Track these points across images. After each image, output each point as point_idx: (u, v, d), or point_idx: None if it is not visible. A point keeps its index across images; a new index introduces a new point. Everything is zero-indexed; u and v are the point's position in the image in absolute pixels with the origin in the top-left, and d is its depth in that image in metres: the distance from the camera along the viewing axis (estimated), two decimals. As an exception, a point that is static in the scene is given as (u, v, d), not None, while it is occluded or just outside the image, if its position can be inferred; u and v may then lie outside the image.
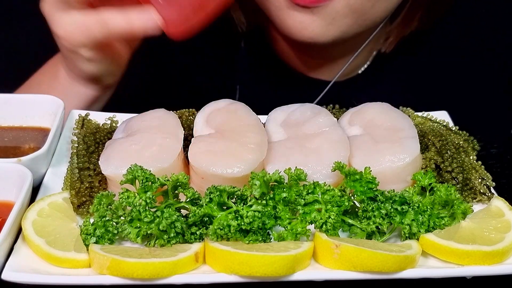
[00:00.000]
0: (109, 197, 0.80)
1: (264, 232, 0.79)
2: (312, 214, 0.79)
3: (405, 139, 0.90)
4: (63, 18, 0.95)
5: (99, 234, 0.78)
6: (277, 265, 0.72)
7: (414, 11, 1.17)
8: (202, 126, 0.93)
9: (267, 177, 0.80)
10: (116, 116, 1.01)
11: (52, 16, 0.96)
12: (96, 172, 0.89)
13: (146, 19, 0.91)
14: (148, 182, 0.79)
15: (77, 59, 1.01)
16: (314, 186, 0.81)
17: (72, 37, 0.96)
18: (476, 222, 0.81)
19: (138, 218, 0.77)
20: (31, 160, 0.86)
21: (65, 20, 0.95)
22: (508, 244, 0.77)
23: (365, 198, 0.81)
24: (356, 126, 0.95)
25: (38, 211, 0.80)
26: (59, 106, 0.97)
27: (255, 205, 0.78)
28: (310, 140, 0.91)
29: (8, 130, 0.99)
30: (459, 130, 1.00)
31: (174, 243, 0.78)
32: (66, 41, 0.97)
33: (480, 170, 0.91)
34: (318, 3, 1.01)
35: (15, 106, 0.99)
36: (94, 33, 0.94)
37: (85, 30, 0.94)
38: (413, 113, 1.04)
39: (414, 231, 0.79)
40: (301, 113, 0.96)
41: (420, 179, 0.85)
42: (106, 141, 0.94)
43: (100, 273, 0.73)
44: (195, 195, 0.80)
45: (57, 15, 0.96)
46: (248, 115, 0.94)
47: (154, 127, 0.91)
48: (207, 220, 0.79)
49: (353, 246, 0.74)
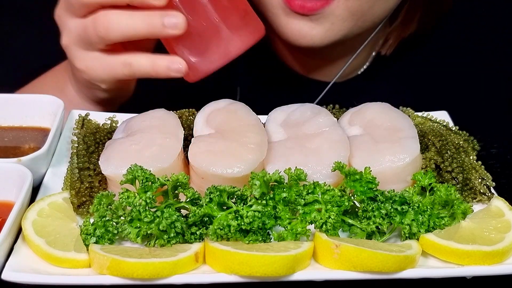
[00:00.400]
0: (109, 197, 0.80)
1: (264, 232, 0.79)
2: (312, 214, 0.79)
3: (405, 139, 0.90)
4: (84, 55, 0.94)
5: (99, 234, 0.78)
6: (277, 265, 0.72)
7: (412, 13, 1.17)
8: (202, 126, 0.93)
9: (267, 177, 0.80)
10: (116, 116, 1.01)
11: (73, 52, 0.95)
12: (96, 172, 0.89)
13: (173, 67, 0.91)
14: (148, 182, 0.79)
15: (93, 88, 1.01)
16: (314, 186, 0.81)
17: (93, 73, 0.95)
18: (476, 222, 0.81)
19: (138, 218, 0.77)
20: (31, 160, 0.86)
21: (87, 56, 0.94)
22: (508, 244, 0.77)
23: (365, 198, 0.81)
24: (356, 126, 0.95)
25: (38, 211, 0.80)
26: (59, 106, 0.97)
27: (255, 205, 0.78)
28: (310, 140, 0.91)
29: (8, 130, 0.99)
30: (459, 130, 1.00)
31: (174, 243, 0.78)
32: (87, 75, 0.96)
33: (480, 170, 0.91)
34: (315, 10, 1.01)
35: (15, 106, 0.99)
36: (117, 73, 0.94)
37: (109, 69, 0.94)
38: (413, 113, 1.04)
39: (414, 231, 0.79)
40: (301, 113, 0.96)
41: (420, 179, 0.85)
42: (106, 141, 0.94)
43: (100, 273, 0.73)
44: (195, 195, 0.80)
45: (78, 52, 0.95)
46: (248, 115, 0.94)
47: (154, 127, 0.91)
48: (207, 220, 0.79)
49: (353, 246, 0.74)
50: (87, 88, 1.04)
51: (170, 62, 0.91)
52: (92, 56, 0.94)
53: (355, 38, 1.13)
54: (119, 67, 0.93)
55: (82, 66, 0.95)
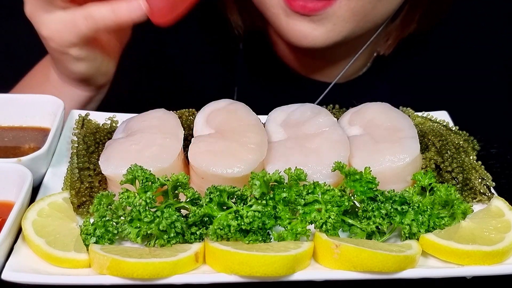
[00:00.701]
0: (109, 197, 0.80)
1: (264, 232, 0.79)
2: (312, 214, 0.79)
3: (405, 139, 0.90)
4: (47, 19, 0.94)
5: (99, 234, 0.78)
6: (277, 265, 0.72)
7: (412, 13, 1.17)
8: (202, 126, 0.93)
9: (267, 177, 0.80)
10: (116, 116, 1.01)
11: (36, 18, 0.95)
12: (96, 172, 0.89)
13: (132, 8, 0.91)
14: (148, 182, 0.79)
15: (66, 60, 1.00)
16: (314, 186, 0.81)
17: (59, 37, 0.95)
18: (476, 222, 0.81)
19: (138, 218, 0.77)
20: (31, 160, 0.86)
21: (50, 20, 0.94)
22: (508, 244, 0.77)
23: (365, 198, 0.81)
24: (356, 126, 0.95)
25: (38, 211, 0.80)
26: (59, 106, 0.97)
27: (255, 205, 0.78)
28: (310, 140, 0.91)
29: (8, 130, 0.99)
30: (459, 130, 1.00)
31: (174, 243, 0.78)
32: (54, 41, 0.96)
33: (480, 170, 0.91)
34: (317, 11, 1.00)
35: (15, 106, 0.99)
36: (81, 29, 0.93)
37: (72, 27, 0.93)
38: (413, 113, 1.04)
39: (414, 231, 0.79)
40: (301, 113, 0.96)
41: (420, 179, 0.85)
42: (106, 141, 0.94)
43: (100, 273, 0.73)
44: (195, 195, 0.80)
45: (40, 17, 0.95)
46: (248, 115, 0.94)
47: (154, 127, 0.91)
48: (207, 220, 0.79)
49: (353, 246, 0.74)
50: (61, 65, 1.03)
51: (129, 3, 0.91)
52: (54, 17, 0.94)
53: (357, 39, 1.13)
54: (81, 22, 0.92)
55: (48, 32, 0.95)
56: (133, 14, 0.92)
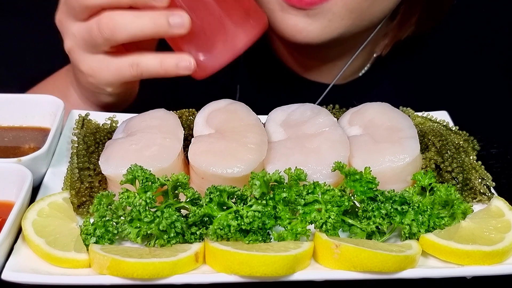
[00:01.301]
0: (109, 197, 0.80)
1: (264, 232, 0.79)
2: (312, 214, 0.79)
3: (405, 139, 0.90)
4: (89, 58, 0.93)
5: (99, 234, 0.78)
6: (277, 265, 0.72)
7: (408, 14, 1.16)
8: (202, 126, 0.93)
9: (267, 177, 0.80)
10: (116, 116, 1.01)
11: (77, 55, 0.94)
12: (96, 172, 0.89)
13: (181, 64, 0.91)
14: (148, 182, 0.79)
15: (99, 93, 1.00)
16: (314, 186, 0.81)
17: (100, 76, 0.94)
18: (476, 222, 0.81)
19: (138, 218, 0.77)
20: (31, 160, 0.86)
21: (92, 59, 0.93)
22: (508, 244, 0.77)
23: (365, 198, 0.81)
24: (356, 126, 0.95)
25: (38, 211, 0.80)
26: (59, 106, 0.97)
27: (255, 205, 0.78)
28: (310, 140, 0.91)
29: (8, 130, 0.99)
30: (459, 130, 1.00)
31: (174, 243, 0.78)
32: (93, 78, 0.95)
33: (480, 170, 0.91)
34: (313, 5, 1.00)
35: (15, 106, 0.99)
36: (125, 75, 0.93)
37: (116, 71, 0.93)
38: (413, 113, 1.04)
39: (414, 231, 0.79)
40: (301, 113, 0.96)
41: (420, 179, 0.85)
42: (106, 141, 0.94)
43: (100, 273, 0.73)
44: (195, 195, 0.80)
45: (83, 56, 0.93)
46: (248, 115, 0.94)
47: (154, 127, 0.91)
48: (207, 220, 0.79)
49: (353, 246, 0.74)
50: (91, 93, 1.03)
51: (178, 60, 0.91)
52: (97, 59, 0.93)
53: (354, 38, 1.13)
54: (126, 68, 0.92)
55: (88, 70, 0.94)
56: (180, 70, 0.91)
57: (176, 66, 0.91)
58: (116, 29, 0.88)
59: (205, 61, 0.92)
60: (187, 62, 0.91)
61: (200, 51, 0.92)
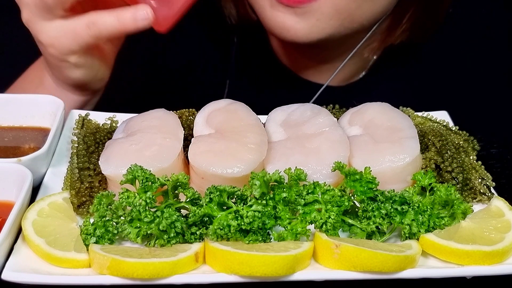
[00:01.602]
0: (109, 197, 0.80)
1: (264, 232, 0.79)
2: (312, 214, 0.79)
3: (405, 139, 0.90)
4: (46, 26, 0.91)
5: (99, 234, 0.78)
6: (277, 265, 0.72)
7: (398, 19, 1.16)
8: (202, 126, 0.93)
9: (267, 177, 0.80)
10: (116, 116, 1.01)
11: (34, 25, 0.92)
12: (96, 172, 0.89)
13: (138, 16, 0.89)
14: (148, 182, 0.79)
15: (64, 66, 0.98)
16: (314, 186, 0.81)
17: (59, 44, 0.92)
18: (476, 222, 0.81)
19: (138, 218, 0.77)
20: (31, 160, 0.86)
21: (49, 27, 0.91)
22: (508, 244, 0.77)
23: (365, 198, 0.81)
24: (356, 126, 0.95)
25: (38, 211, 0.80)
26: (59, 106, 0.97)
27: (255, 205, 0.78)
28: (310, 140, 0.91)
29: (8, 130, 0.99)
30: (459, 130, 1.00)
31: (174, 243, 0.78)
32: (53, 48, 0.93)
33: (480, 170, 0.91)
34: (301, 3, 1.00)
35: (15, 106, 0.99)
36: (83, 37, 0.91)
37: (73, 35, 0.91)
38: (413, 113, 1.04)
39: (414, 231, 0.79)
40: (301, 113, 0.96)
41: (420, 179, 0.85)
42: (106, 141, 0.94)
43: (100, 273, 0.73)
44: (195, 195, 0.80)
45: (39, 24, 0.92)
46: (248, 115, 0.94)
47: (154, 127, 0.91)
48: (207, 220, 0.79)
49: (353, 246, 0.74)
50: (57, 69, 1.01)
51: (135, 12, 0.89)
52: (54, 25, 0.91)
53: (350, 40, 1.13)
54: (84, 30, 0.90)
55: (47, 39, 0.92)
56: (139, 23, 0.89)
57: (133, 19, 0.89)
58: None
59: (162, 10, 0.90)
60: (144, 12, 0.89)
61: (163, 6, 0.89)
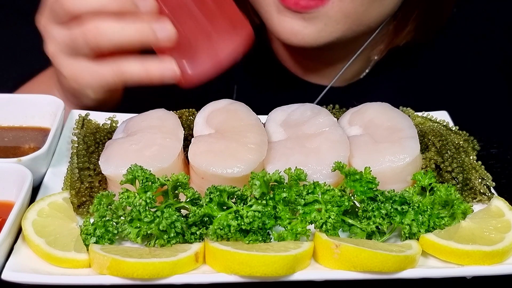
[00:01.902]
0: (109, 197, 0.80)
1: (264, 232, 0.79)
2: (312, 214, 0.79)
3: (405, 139, 0.90)
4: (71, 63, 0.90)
5: (99, 234, 0.78)
6: (277, 265, 0.72)
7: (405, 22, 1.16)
8: (202, 126, 0.93)
9: (267, 177, 0.80)
10: (116, 116, 1.01)
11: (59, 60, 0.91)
12: (96, 172, 0.89)
13: (165, 70, 0.88)
14: (148, 182, 0.79)
15: (80, 95, 0.99)
16: (314, 186, 0.81)
17: (82, 80, 0.91)
18: (476, 222, 0.81)
19: (138, 218, 0.77)
20: (31, 160, 0.86)
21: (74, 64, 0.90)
22: (508, 244, 0.77)
23: (365, 198, 0.81)
24: (356, 126, 0.95)
25: (38, 211, 0.80)
26: (59, 106, 0.97)
27: (255, 205, 0.78)
28: (310, 140, 0.91)
29: (8, 130, 0.99)
30: (459, 130, 1.00)
31: (174, 243, 0.78)
32: (75, 83, 0.92)
33: (480, 170, 0.91)
34: (309, 8, 1.00)
35: (15, 106, 0.99)
36: (108, 81, 0.90)
37: (99, 76, 0.90)
38: (413, 113, 1.04)
39: (414, 231, 0.79)
40: (301, 113, 0.96)
41: (420, 179, 0.85)
42: (106, 141, 0.94)
43: (100, 273, 0.73)
44: (195, 195, 0.80)
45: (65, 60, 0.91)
46: (248, 115, 0.94)
47: (154, 127, 0.91)
48: (207, 220, 0.79)
49: (353, 246, 0.74)
50: (74, 96, 1.02)
51: (163, 68, 0.88)
52: (80, 64, 0.90)
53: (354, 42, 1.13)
54: (110, 75, 0.89)
55: (71, 74, 0.92)
56: (165, 76, 0.89)
57: (161, 74, 0.89)
58: (102, 38, 0.85)
59: (190, 70, 0.90)
60: (172, 70, 0.88)
61: (183, 59, 0.90)
